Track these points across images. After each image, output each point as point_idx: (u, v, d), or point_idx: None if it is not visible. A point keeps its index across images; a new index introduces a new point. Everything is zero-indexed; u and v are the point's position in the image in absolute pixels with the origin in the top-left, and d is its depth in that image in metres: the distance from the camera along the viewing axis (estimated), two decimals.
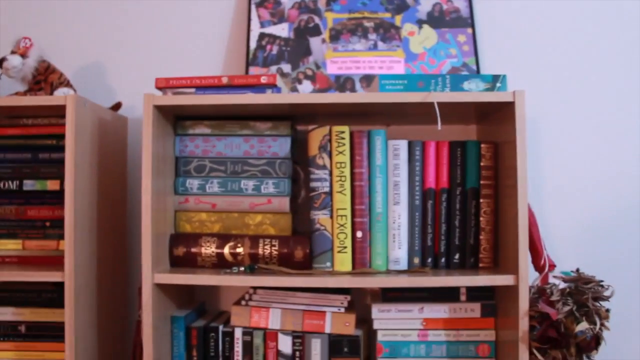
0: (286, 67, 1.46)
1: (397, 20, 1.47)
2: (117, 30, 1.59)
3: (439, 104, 1.18)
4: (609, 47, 1.51)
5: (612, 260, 1.48)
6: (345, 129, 1.26)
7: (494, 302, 1.29)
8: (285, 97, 1.21)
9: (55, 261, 1.32)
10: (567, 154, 1.50)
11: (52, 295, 1.32)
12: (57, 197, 1.33)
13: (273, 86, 1.23)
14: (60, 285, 1.29)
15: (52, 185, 1.33)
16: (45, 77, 1.35)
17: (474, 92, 1.20)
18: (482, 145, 1.28)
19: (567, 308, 1.15)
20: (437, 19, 1.47)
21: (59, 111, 1.28)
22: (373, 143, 1.27)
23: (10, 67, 1.32)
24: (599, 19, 1.52)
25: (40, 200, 1.35)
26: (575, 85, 1.51)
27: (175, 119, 1.33)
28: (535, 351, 1.15)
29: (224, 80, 1.23)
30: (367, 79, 1.44)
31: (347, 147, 1.26)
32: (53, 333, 1.31)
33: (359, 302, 1.46)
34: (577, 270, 1.23)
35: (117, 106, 1.46)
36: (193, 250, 1.29)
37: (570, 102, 1.51)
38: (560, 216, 1.49)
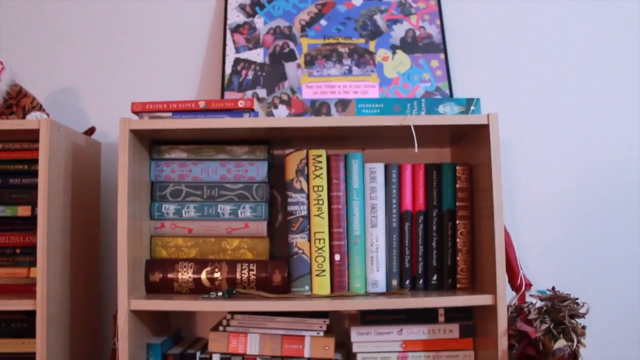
0: (262, 92, 1.47)
1: (371, 45, 1.50)
2: (90, 55, 1.58)
3: (415, 127, 1.20)
4: (580, 71, 1.56)
5: (586, 278, 1.51)
6: (322, 152, 1.27)
7: (472, 323, 1.30)
8: (263, 121, 1.21)
9: (26, 289, 1.29)
10: (539, 175, 1.54)
11: (22, 324, 1.28)
12: (28, 223, 1.30)
13: (250, 110, 1.23)
14: (31, 314, 1.25)
15: (23, 211, 1.30)
16: (17, 101, 1.33)
17: (449, 116, 1.22)
18: (458, 168, 1.30)
19: (544, 326, 1.16)
20: (410, 45, 1.50)
21: (31, 135, 1.26)
22: (350, 166, 1.28)
23: None
24: (570, 44, 1.57)
25: (11, 226, 1.31)
26: (545, 108, 1.55)
27: (151, 144, 1.32)
28: None
29: (201, 105, 1.23)
30: (343, 104, 1.45)
31: (324, 171, 1.27)
32: None
33: (337, 326, 1.45)
34: (553, 288, 1.25)
35: (90, 131, 1.44)
36: (169, 275, 1.27)
37: (541, 124, 1.55)
38: (533, 235, 1.52)
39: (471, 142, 1.32)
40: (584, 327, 1.18)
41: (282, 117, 1.40)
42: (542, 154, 1.54)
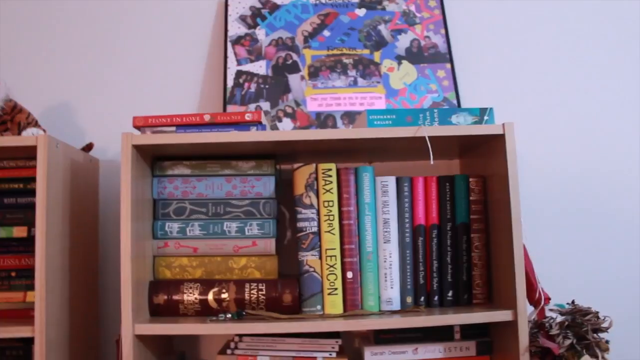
0: (265, 105, 1.42)
1: (376, 56, 1.46)
2: (88, 70, 1.53)
3: (428, 138, 1.16)
4: (590, 79, 1.54)
5: (604, 291, 1.48)
6: (332, 166, 1.23)
7: (489, 340, 1.26)
8: (272, 134, 1.16)
9: (22, 314, 1.23)
10: (551, 185, 1.51)
11: (18, 352, 1.21)
12: (24, 245, 1.24)
13: (258, 123, 1.19)
14: (27, 341, 1.19)
15: (18, 232, 1.24)
16: (11, 117, 1.27)
17: (463, 126, 1.18)
18: (471, 180, 1.27)
19: (568, 342, 1.12)
20: (415, 55, 1.47)
21: (27, 153, 1.21)
22: (361, 180, 1.23)
23: None
24: (578, 50, 1.55)
25: (6, 248, 1.25)
26: (555, 116, 1.53)
27: (153, 160, 1.27)
28: None
29: (207, 118, 1.19)
30: (349, 116, 1.42)
31: (334, 185, 1.22)
32: None
33: (348, 346, 1.40)
34: (573, 302, 1.21)
35: (88, 147, 1.39)
36: (175, 297, 1.22)
37: (551, 133, 1.52)
38: (548, 247, 1.48)
39: (483, 152, 1.28)
40: (607, 342, 1.15)
41: (291, 130, 1.36)
42: (554, 164, 1.52)
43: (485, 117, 1.21)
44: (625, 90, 1.54)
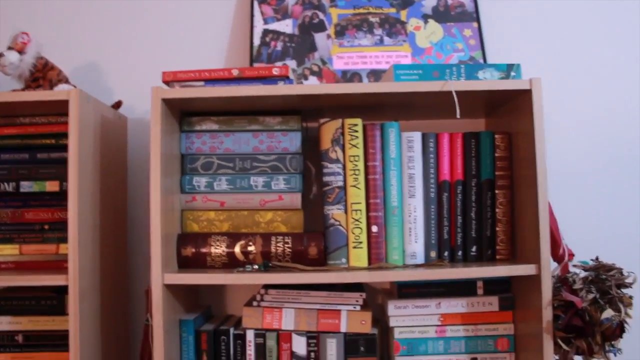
0: (291, 64, 1.43)
1: (403, 15, 1.46)
2: (115, 28, 1.55)
3: (455, 94, 1.16)
4: (621, 36, 1.52)
5: (628, 248, 1.48)
6: (358, 121, 1.24)
7: (512, 295, 1.27)
8: (299, 88, 1.17)
9: (55, 266, 1.27)
10: (577, 143, 1.51)
11: (52, 302, 1.25)
12: (57, 199, 1.28)
13: (285, 78, 1.20)
14: (60, 292, 1.23)
15: (51, 186, 1.27)
16: (43, 74, 1.30)
17: (490, 81, 1.18)
18: (497, 136, 1.27)
19: (591, 296, 1.13)
20: (442, 14, 1.46)
21: (58, 109, 1.23)
22: (387, 135, 1.24)
23: (7, 64, 1.26)
24: (609, 6, 1.53)
25: (39, 202, 1.29)
26: (583, 75, 1.52)
27: (181, 115, 1.29)
28: (559, 341, 1.13)
29: (235, 73, 1.20)
30: (375, 74, 1.42)
31: (360, 140, 1.23)
32: (53, 342, 1.24)
33: (372, 302, 1.42)
34: (597, 258, 1.21)
35: (117, 104, 1.41)
36: (202, 250, 1.24)
37: (579, 92, 1.52)
38: (572, 205, 1.49)
39: (509, 110, 1.28)
40: (631, 297, 1.15)
41: (319, 84, 1.37)
42: (581, 122, 1.51)
43: (512, 73, 1.21)
44: None
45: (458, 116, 1.16)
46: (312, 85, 1.15)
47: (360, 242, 1.23)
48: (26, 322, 1.25)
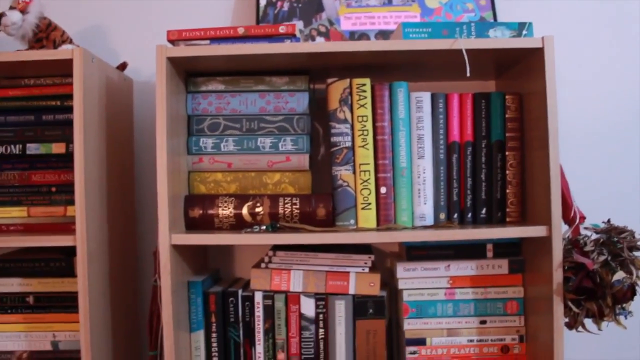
0: (298, 24, 1.40)
1: None
2: None
3: (464, 52, 1.14)
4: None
5: (638, 211, 1.46)
6: (367, 81, 1.21)
7: (522, 258, 1.26)
8: (305, 46, 1.15)
9: (63, 228, 1.26)
10: (589, 105, 1.49)
11: (61, 264, 1.25)
12: (63, 161, 1.27)
13: (292, 36, 1.17)
14: (69, 254, 1.23)
15: (57, 148, 1.26)
16: (47, 35, 1.28)
17: (501, 39, 1.15)
18: (507, 97, 1.24)
19: (602, 258, 1.12)
20: None
21: (63, 70, 1.21)
22: (395, 95, 1.22)
23: (10, 24, 1.24)
24: None
25: (45, 164, 1.28)
26: (595, 37, 1.48)
27: (187, 76, 1.27)
28: (570, 303, 1.12)
29: (240, 31, 1.18)
30: (383, 35, 1.39)
31: (368, 100, 1.21)
32: (63, 303, 1.24)
33: (381, 264, 1.42)
34: (609, 220, 1.20)
35: (122, 66, 1.39)
36: (210, 211, 1.24)
37: (590, 53, 1.48)
38: (583, 167, 1.47)
39: (520, 71, 1.25)
40: None
41: (325, 42, 1.34)
42: (593, 84, 1.48)
43: (524, 32, 1.18)
44: None
45: (468, 74, 1.14)
46: (320, 43, 1.13)
47: (369, 204, 1.21)
48: (36, 284, 1.26)
